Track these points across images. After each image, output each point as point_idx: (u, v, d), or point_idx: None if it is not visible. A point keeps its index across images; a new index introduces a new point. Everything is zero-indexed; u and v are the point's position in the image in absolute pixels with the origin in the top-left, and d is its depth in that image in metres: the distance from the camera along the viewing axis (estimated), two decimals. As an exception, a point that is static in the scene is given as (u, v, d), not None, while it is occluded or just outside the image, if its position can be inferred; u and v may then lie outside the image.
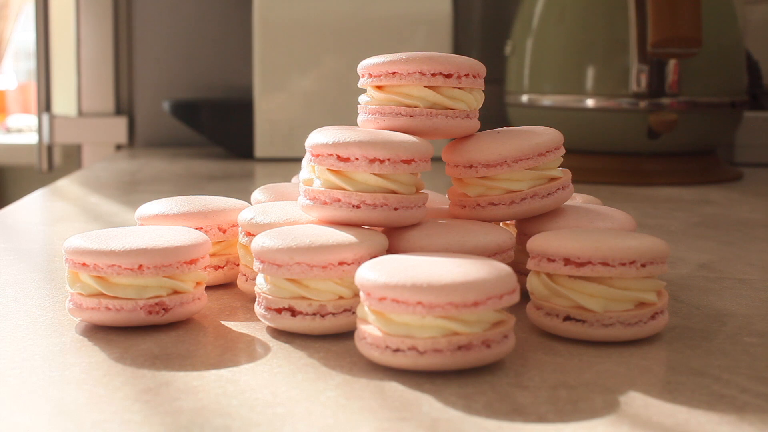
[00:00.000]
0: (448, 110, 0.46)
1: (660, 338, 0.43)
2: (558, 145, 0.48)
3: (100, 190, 0.93)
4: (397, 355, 0.37)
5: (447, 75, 0.46)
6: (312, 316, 0.42)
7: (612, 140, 1.01)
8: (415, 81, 0.46)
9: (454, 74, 0.46)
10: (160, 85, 1.38)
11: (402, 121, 0.46)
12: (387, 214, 0.44)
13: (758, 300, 0.50)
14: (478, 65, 0.47)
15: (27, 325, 0.44)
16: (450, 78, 0.46)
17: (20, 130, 1.93)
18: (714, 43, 0.98)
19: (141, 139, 1.39)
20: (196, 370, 0.38)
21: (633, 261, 0.41)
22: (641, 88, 0.97)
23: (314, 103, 1.17)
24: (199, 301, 0.45)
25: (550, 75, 1.03)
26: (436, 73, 0.46)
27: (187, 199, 0.52)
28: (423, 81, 0.46)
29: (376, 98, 0.47)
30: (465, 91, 0.47)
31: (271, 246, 0.42)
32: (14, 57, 2.20)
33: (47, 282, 0.53)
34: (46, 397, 0.35)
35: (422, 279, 0.37)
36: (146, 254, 0.43)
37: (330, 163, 0.44)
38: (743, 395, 0.36)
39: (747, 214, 0.81)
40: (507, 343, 0.39)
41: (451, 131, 0.47)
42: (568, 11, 1.02)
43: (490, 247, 0.44)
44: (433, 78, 0.46)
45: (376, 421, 0.33)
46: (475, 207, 0.48)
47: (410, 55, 0.46)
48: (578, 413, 0.34)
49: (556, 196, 0.48)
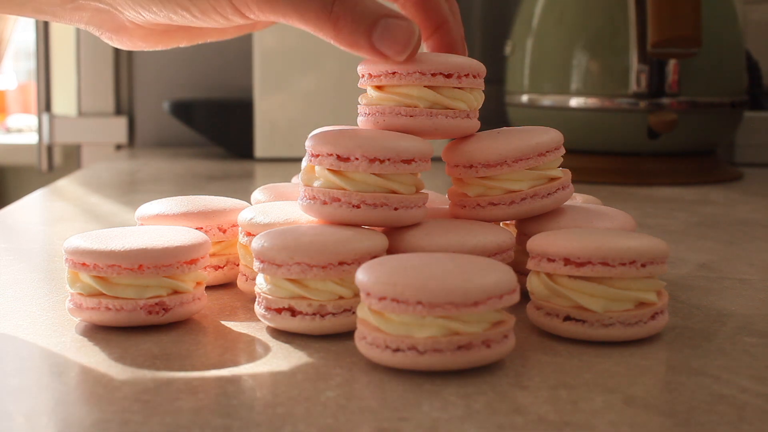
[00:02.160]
0: (448, 110, 0.46)
1: (660, 338, 0.43)
2: (558, 145, 0.48)
3: (99, 190, 0.93)
4: (397, 355, 0.37)
5: (447, 75, 0.46)
6: (312, 316, 0.42)
7: (612, 140, 1.01)
8: (415, 81, 0.46)
9: (454, 74, 0.46)
10: (160, 85, 1.38)
11: (402, 121, 0.46)
12: (387, 213, 0.44)
13: (758, 300, 0.50)
14: (477, 65, 0.47)
15: (27, 325, 0.44)
16: (450, 78, 0.46)
17: (20, 130, 1.93)
18: (714, 43, 0.98)
19: (141, 139, 1.39)
20: (196, 370, 0.38)
21: (633, 261, 0.41)
22: (641, 88, 0.97)
23: (314, 103, 1.17)
24: (199, 301, 0.45)
25: (550, 75, 1.03)
26: (436, 73, 0.46)
27: (187, 199, 0.52)
28: (423, 81, 0.46)
29: (376, 98, 0.47)
30: (465, 91, 0.47)
31: (271, 246, 0.42)
32: (14, 57, 2.20)
33: (47, 282, 0.53)
34: (46, 397, 0.35)
35: (422, 279, 0.37)
36: (146, 254, 0.43)
37: (330, 162, 0.44)
38: (743, 395, 0.36)
39: (747, 214, 0.81)
40: (507, 343, 0.39)
41: (451, 131, 0.47)
42: (568, 11, 1.02)
43: (489, 247, 0.44)
44: (433, 78, 0.46)
45: (376, 421, 0.33)
46: (475, 207, 0.48)
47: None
48: (578, 413, 0.34)
49: (556, 196, 0.48)
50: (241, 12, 0.45)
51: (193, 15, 0.45)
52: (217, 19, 0.45)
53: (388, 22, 0.44)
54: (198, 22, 0.46)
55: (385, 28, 0.44)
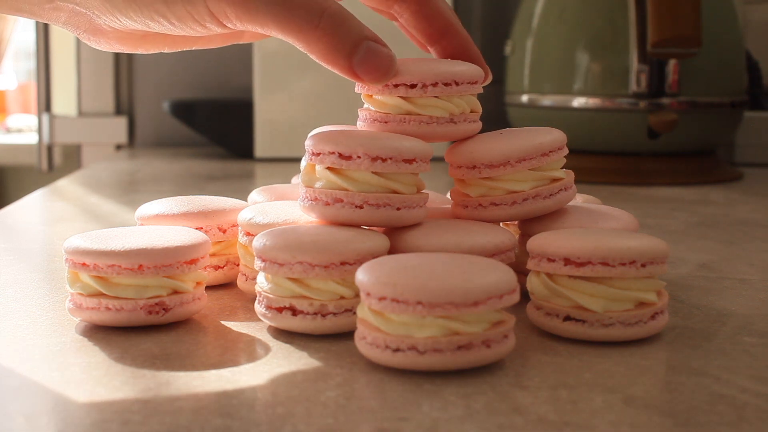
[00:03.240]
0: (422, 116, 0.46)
1: (660, 338, 0.43)
2: (561, 145, 0.48)
3: (99, 190, 0.93)
4: (397, 355, 0.37)
5: (411, 85, 0.46)
6: (313, 316, 0.42)
7: (612, 140, 1.01)
8: (381, 91, 0.46)
9: (418, 84, 0.46)
10: (160, 85, 1.38)
11: (377, 127, 0.47)
12: (390, 214, 0.44)
13: (758, 300, 0.50)
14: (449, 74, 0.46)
15: (27, 325, 0.44)
16: (414, 88, 0.46)
17: (20, 130, 1.93)
18: (714, 43, 0.98)
19: (141, 139, 1.39)
20: (196, 370, 0.38)
21: (633, 261, 0.41)
22: (641, 88, 0.97)
23: (314, 103, 1.17)
24: (199, 301, 0.45)
25: (550, 75, 1.03)
26: (399, 84, 0.46)
27: (187, 199, 0.52)
28: (386, 91, 0.46)
29: (366, 105, 0.48)
30: (442, 98, 0.47)
31: (273, 245, 0.42)
32: (14, 57, 2.20)
33: (47, 282, 0.53)
34: (46, 397, 0.35)
35: (422, 279, 0.37)
36: (146, 254, 0.43)
37: (331, 161, 0.43)
38: (743, 395, 0.36)
39: (747, 214, 0.81)
40: (507, 343, 0.39)
41: (426, 137, 0.47)
42: (568, 11, 1.02)
43: (489, 248, 0.44)
44: (395, 89, 0.46)
45: (376, 421, 0.33)
46: (477, 207, 0.48)
47: None
48: (578, 413, 0.34)
49: (559, 197, 0.48)
50: (219, 20, 0.43)
51: (170, 23, 0.44)
52: (195, 27, 0.44)
53: (371, 46, 0.44)
54: (176, 30, 0.45)
55: (366, 51, 0.44)
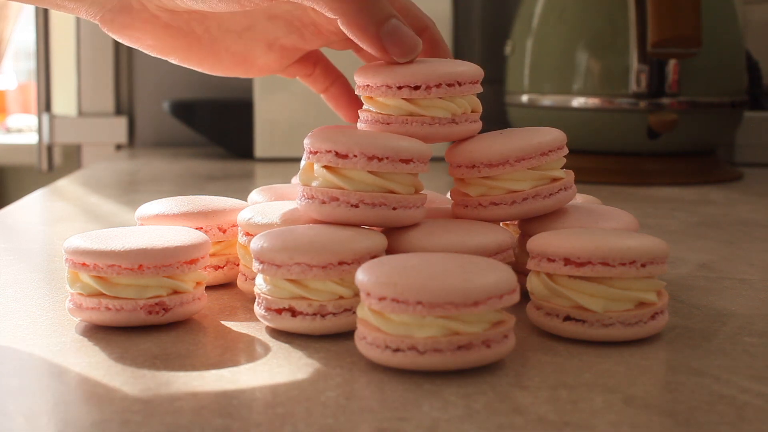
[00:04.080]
0: (424, 117, 0.47)
1: (660, 338, 0.43)
2: (561, 144, 0.48)
3: (99, 190, 0.93)
4: (397, 355, 0.37)
5: (414, 87, 0.46)
6: (312, 317, 0.42)
7: (612, 140, 1.00)
8: (383, 93, 0.47)
9: (422, 86, 0.46)
10: (160, 85, 1.38)
11: (379, 128, 0.47)
12: (385, 213, 0.44)
13: (758, 300, 0.50)
14: (451, 74, 0.46)
15: (27, 325, 0.44)
16: (418, 90, 0.46)
17: (20, 130, 1.93)
18: (714, 43, 0.98)
19: (141, 139, 1.39)
20: (196, 370, 0.38)
21: (633, 261, 0.41)
22: (641, 88, 0.97)
23: (314, 103, 1.17)
24: (199, 301, 0.45)
25: (550, 75, 1.03)
26: (402, 86, 0.46)
27: (187, 199, 0.52)
28: (389, 93, 0.46)
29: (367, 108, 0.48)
30: (445, 99, 0.47)
31: (270, 246, 0.42)
32: (14, 57, 2.20)
33: (47, 282, 0.53)
34: (46, 397, 0.35)
35: (422, 279, 0.37)
36: (146, 254, 0.43)
37: (328, 159, 0.43)
38: (743, 395, 0.36)
39: (747, 214, 0.81)
40: (507, 343, 0.39)
41: (428, 137, 0.47)
42: (568, 11, 1.02)
43: (489, 247, 0.44)
44: (399, 91, 0.46)
45: (376, 421, 0.33)
46: (477, 207, 0.48)
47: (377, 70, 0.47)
48: (578, 413, 0.34)
49: (558, 196, 0.48)
50: None
51: None
52: None
53: (399, 24, 0.45)
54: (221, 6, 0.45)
55: (395, 27, 0.44)
